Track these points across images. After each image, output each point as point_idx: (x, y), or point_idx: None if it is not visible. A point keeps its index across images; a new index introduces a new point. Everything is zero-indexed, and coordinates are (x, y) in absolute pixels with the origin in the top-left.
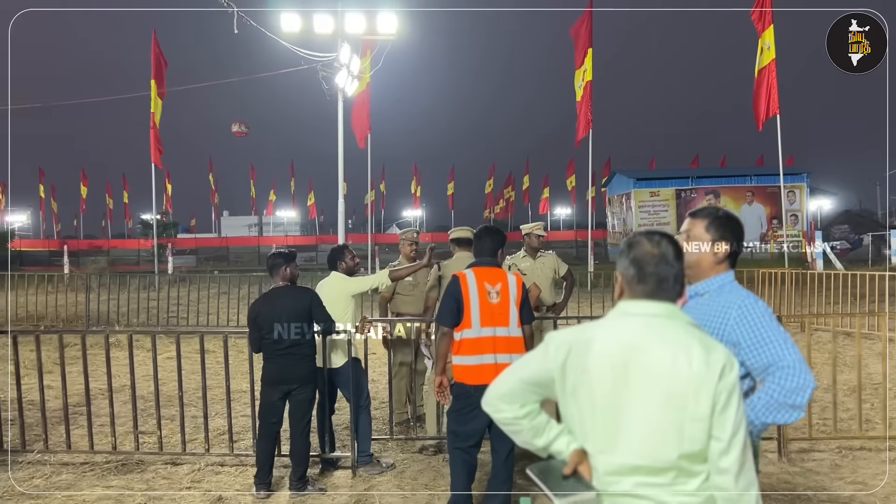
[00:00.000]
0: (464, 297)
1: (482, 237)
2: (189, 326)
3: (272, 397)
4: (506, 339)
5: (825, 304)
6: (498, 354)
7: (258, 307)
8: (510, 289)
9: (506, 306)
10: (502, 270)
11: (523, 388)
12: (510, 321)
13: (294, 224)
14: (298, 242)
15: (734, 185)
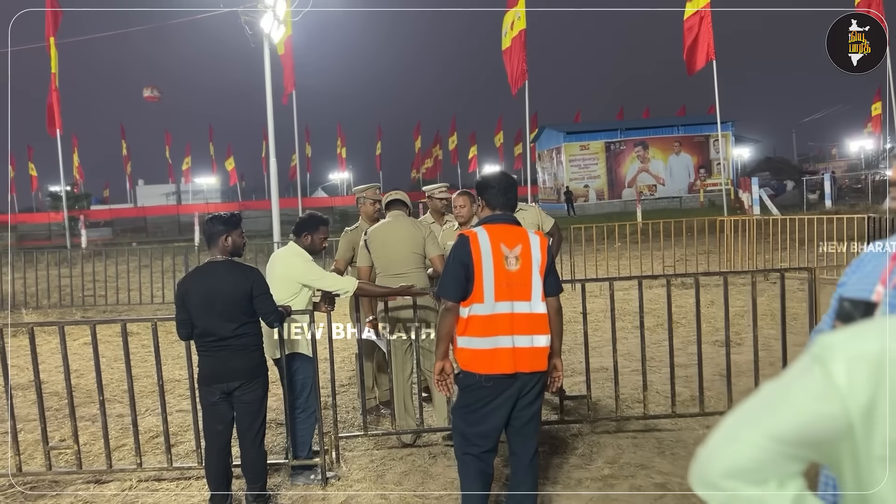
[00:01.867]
0: (475, 263)
1: (495, 184)
2: (108, 306)
3: (211, 399)
4: (526, 317)
5: (791, 251)
6: (516, 336)
7: (187, 284)
8: (533, 252)
9: (527, 275)
10: (522, 229)
11: (781, 453)
12: (532, 294)
13: (214, 191)
14: (220, 210)
15: (662, 135)
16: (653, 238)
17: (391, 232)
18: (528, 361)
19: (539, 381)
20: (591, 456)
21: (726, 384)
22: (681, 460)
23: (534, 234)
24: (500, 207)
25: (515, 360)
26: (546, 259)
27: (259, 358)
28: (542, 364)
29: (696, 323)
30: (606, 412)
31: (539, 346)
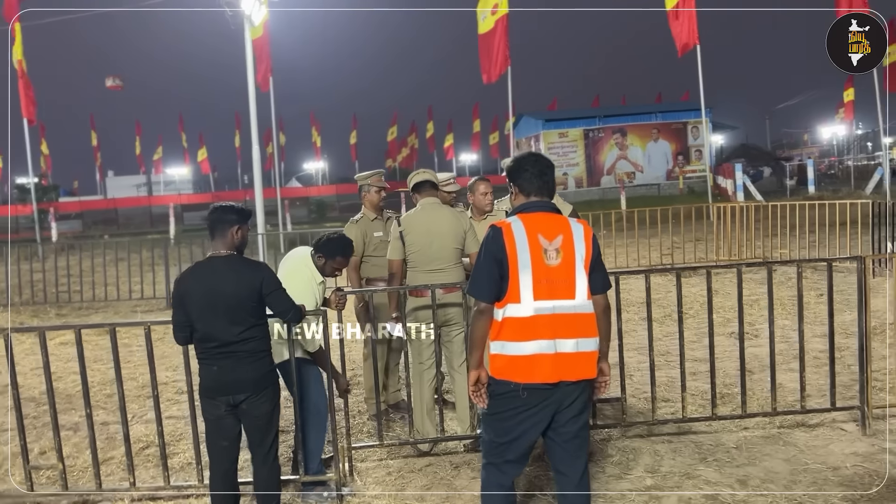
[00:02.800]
0: (509, 259)
1: (528, 167)
2: (84, 303)
3: (215, 412)
4: (571, 318)
5: (783, 238)
6: (560, 340)
7: (186, 283)
8: (576, 244)
9: (570, 270)
10: (563, 217)
11: None
12: (577, 291)
13: (186, 182)
14: (193, 201)
15: (640, 122)
16: (638, 226)
17: (432, 222)
18: (574, 368)
19: (584, 391)
20: (627, 464)
21: (739, 381)
22: (727, 467)
23: (576, 223)
24: (536, 193)
25: (558, 366)
26: (592, 251)
27: (268, 366)
28: (589, 371)
29: (707, 314)
30: (636, 414)
31: (586, 351)
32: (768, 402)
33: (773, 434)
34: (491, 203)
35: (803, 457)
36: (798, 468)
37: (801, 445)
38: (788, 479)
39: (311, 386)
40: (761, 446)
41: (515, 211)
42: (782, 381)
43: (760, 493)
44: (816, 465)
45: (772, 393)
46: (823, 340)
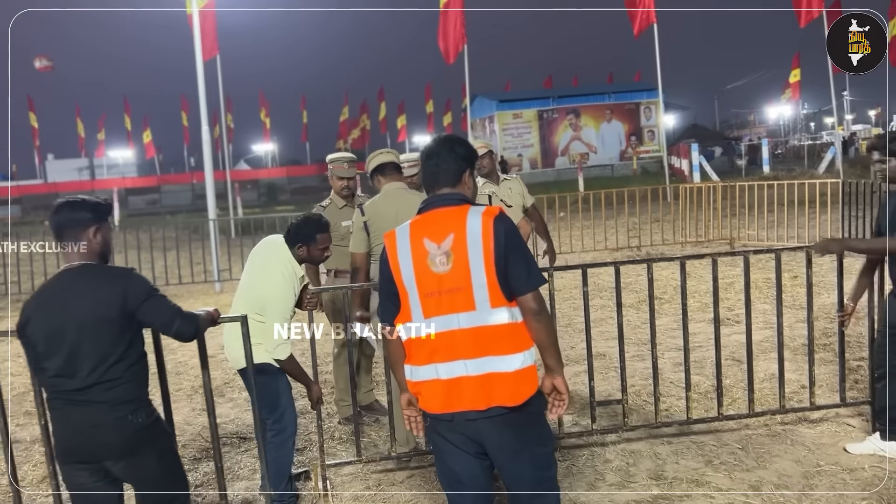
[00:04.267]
0: (393, 272)
1: (431, 155)
2: (23, 294)
3: (77, 480)
4: (472, 334)
5: (743, 218)
6: (453, 363)
7: (29, 309)
8: (470, 242)
9: (465, 275)
10: (459, 212)
11: None
12: (477, 300)
13: (130, 165)
14: (139, 185)
15: (593, 103)
16: (596, 207)
17: (400, 210)
18: (481, 394)
19: (515, 423)
20: (628, 470)
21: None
22: (736, 471)
23: (475, 214)
24: (431, 186)
25: (451, 394)
26: (495, 246)
27: (143, 419)
28: (506, 396)
29: (713, 302)
30: (629, 412)
31: (499, 372)
32: (766, 396)
33: (778, 432)
34: (479, 185)
35: (814, 457)
36: (811, 470)
37: (809, 444)
38: (803, 483)
39: (280, 399)
40: (769, 446)
41: (421, 211)
42: (774, 372)
43: (777, 501)
44: (829, 466)
45: (780, 389)
46: (804, 326)
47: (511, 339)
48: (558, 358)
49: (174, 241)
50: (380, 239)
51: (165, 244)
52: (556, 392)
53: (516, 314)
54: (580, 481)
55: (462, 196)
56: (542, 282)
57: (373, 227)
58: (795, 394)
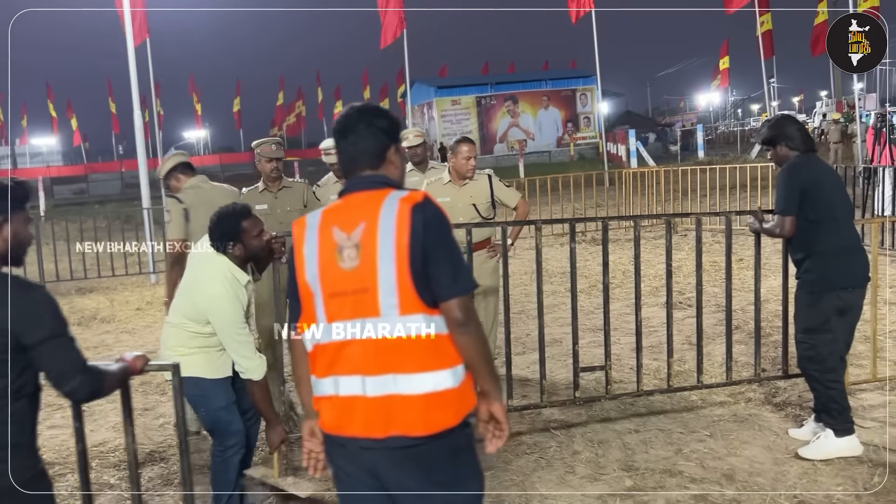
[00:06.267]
0: (297, 266)
1: (346, 132)
2: None
3: None
4: (374, 346)
5: (684, 201)
6: (353, 378)
7: None
8: (382, 234)
9: (370, 273)
10: (376, 196)
11: None
12: (382, 304)
13: (55, 153)
14: (64, 173)
15: (531, 90)
16: (536, 193)
17: (215, 196)
18: (378, 419)
19: (422, 458)
20: (597, 461)
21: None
22: (708, 460)
23: (392, 200)
24: (348, 168)
25: (343, 416)
26: (411, 240)
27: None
28: (411, 424)
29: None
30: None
31: (403, 394)
32: (721, 377)
33: (745, 417)
34: (473, 168)
35: (783, 442)
36: (781, 457)
37: (776, 429)
38: (776, 471)
39: (221, 414)
40: (737, 432)
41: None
42: (720, 353)
43: (752, 491)
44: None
45: (756, 357)
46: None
47: (426, 354)
48: (493, 379)
49: (105, 232)
50: (199, 226)
51: (97, 234)
52: (494, 420)
53: (440, 324)
54: (550, 475)
55: (385, 178)
56: (470, 286)
57: (193, 212)
58: (744, 368)
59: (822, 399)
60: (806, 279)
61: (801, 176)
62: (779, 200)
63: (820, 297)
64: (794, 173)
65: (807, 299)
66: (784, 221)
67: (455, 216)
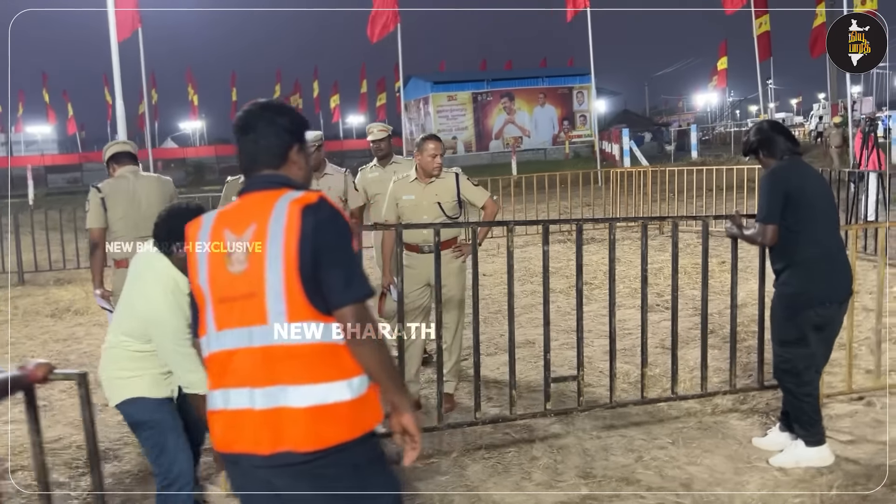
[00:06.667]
0: (189, 270)
1: (247, 129)
2: None
3: None
4: (262, 356)
5: (672, 203)
6: (241, 391)
7: None
8: (271, 236)
9: (258, 277)
10: (271, 196)
11: None
12: (270, 312)
13: (50, 141)
14: (59, 162)
15: (527, 87)
16: (527, 191)
17: (137, 188)
18: (266, 434)
19: (315, 475)
20: (556, 468)
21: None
22: (667, 468)
23: (284, 201)
24: (248, 167)
25: (230, 431)
26: (300, 243)
27: None
28: (299, 439)
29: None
30: (558, 402)
31: (291, 407)
32: (694, 384)
33: (710, 425)
34: (439, 166)
35: (745, 451)
36: (742, 466)
37: (740, 437)
38: (735, 481)
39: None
40: (699, 440)
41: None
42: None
43: (709, 501)
44: (762, 462)
45: (731, 366)
46: (740, 312)
47: (318, 364)
48: (398, 390)
49: None
50: (117, 215)
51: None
52: (405, 431)
53: (336, 332)
54: (506, 480)
55: (284, 178)
56: (365, 293)
57: (109, 202)
58: (716, 373)
59: (795, 411)
60: (783, 292)
61: (784, 182)
62: (761, 207)
63: (796, 312)
64: (778, 179)
65: (783, 313)
66: (766, 230)
67: (420, 214)
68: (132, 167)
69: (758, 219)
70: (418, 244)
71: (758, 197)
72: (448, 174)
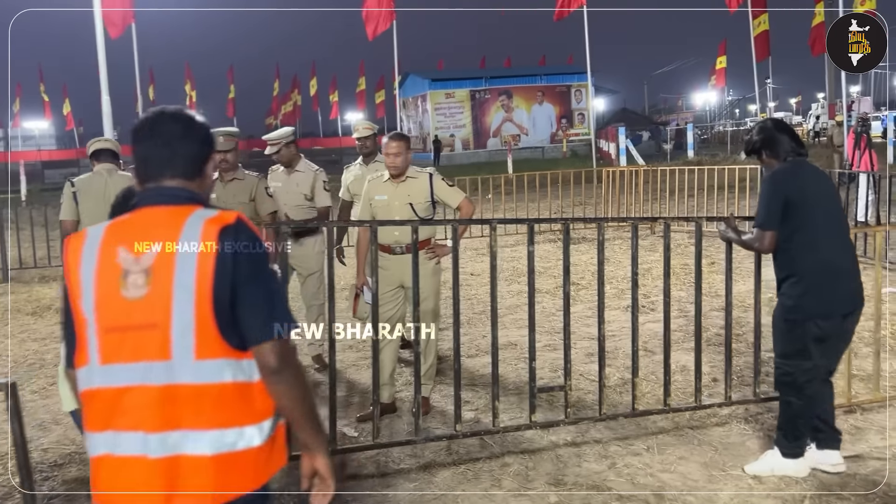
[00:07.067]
0: (70, 291)
1: (152, 134)
2: None
3: None
4: (161, 396)
5: (666, 202)
6: (133, 435)
7: None
8: (180, 260)
9: (163, 306)
10: (180, 213)
11: None
12: (175, 345)
13: (48, 137)
14: (55, 157)
15: (525, 84)
16: (527, 189)
17: (108, 184)
18: (161, 486)
19: None
20: (527, 474)
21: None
22: (639, 476)
23: (196, 220)
24: (145, 176)
25: (136, 481)
26: (215, 269)
27: None
28: (208, 490)
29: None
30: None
31: (192, 455)
32: (677, 391)
33: (686, 430)
34: (398, 166)
35: (721, 458)
36: (717, 473)
37: (716, 444)
38: (708, 490)
39: None
40: (675, 447)
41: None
42: (685, 364)
43: None
44: (737, 470)
45: (726, 378)
46: (722, 315)
47: (227, 405)
48: (316, 431)
49: None
50: (86, 210)
51: None
52: (320, 480)
53: (249, 370)
54: (475, 487)
55: (193, 194)
56: (287, 327)
57: (80, 196)
58: (707, 387)
59: (787, 422)
60: (783, 303)
61: (785, 186)
62: (759, 212)
63: (795, 324)
64: (779, 182)
65: (783, 325)
66: (763, 236)
67: (391, 214)
68: (109, 165)
69: (755, 223)
70: (390, 245)
71: (758, 201)
72: (421, 174)
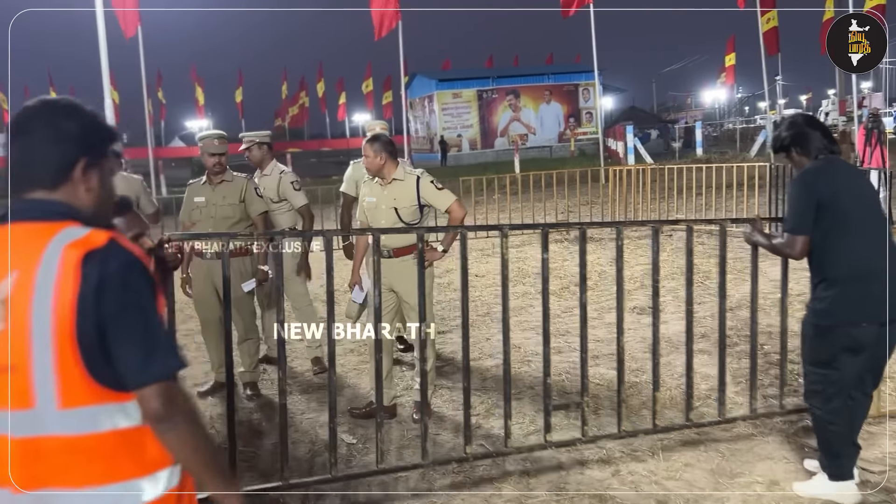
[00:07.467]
0: None
1: (18, 132)
2: None
3: None
4: (24, 450)
5: (675, 200)
6: (15, 496)
7: None
8: (38, 291)
9: (21, 344)
10: (44, 231)
11: None
12: (38, 392)
13: None
14: None
15: (533, 84)
16: (533, 189)
17: None
18: None
19: None
20: (528, 483)
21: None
22: (644, 484)
23: (58, 244)
24: (14, 185)
25: None
26: (78, 302)
27: None
28: None
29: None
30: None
31: None
32: (679, 397)
33: (692, 437)
34: (374, 168)
35: (728, 465)
36: (724, 481)
37: (723, 450)
38: (715, 499)
39: None
40: (681, 452)
41: None
42: (701, 371)
43: None
44: (745, 478)
45: (751, 390)
46: (730, 317)
47: (109, 457)
48: (219, 479)
49: None
50: None
51: None
52: None
53: (134, 414)
54: (474, 497)
55: (63, 207)
56: (171, 367)
57: None
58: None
59: (820, 438)
60: (813, 308)
61: (817, 186)
62: (789, 216)
63: (825, 331)
64: (809, 183)
65: (812, 331)
66: (795, 241)
67: (378, 217)
68: None
69: (786, 228)
70: None
71: (787, 204)
72: (409, 176)
